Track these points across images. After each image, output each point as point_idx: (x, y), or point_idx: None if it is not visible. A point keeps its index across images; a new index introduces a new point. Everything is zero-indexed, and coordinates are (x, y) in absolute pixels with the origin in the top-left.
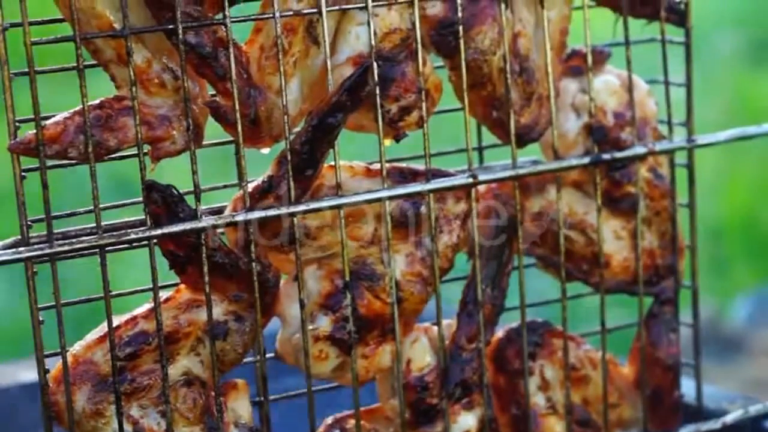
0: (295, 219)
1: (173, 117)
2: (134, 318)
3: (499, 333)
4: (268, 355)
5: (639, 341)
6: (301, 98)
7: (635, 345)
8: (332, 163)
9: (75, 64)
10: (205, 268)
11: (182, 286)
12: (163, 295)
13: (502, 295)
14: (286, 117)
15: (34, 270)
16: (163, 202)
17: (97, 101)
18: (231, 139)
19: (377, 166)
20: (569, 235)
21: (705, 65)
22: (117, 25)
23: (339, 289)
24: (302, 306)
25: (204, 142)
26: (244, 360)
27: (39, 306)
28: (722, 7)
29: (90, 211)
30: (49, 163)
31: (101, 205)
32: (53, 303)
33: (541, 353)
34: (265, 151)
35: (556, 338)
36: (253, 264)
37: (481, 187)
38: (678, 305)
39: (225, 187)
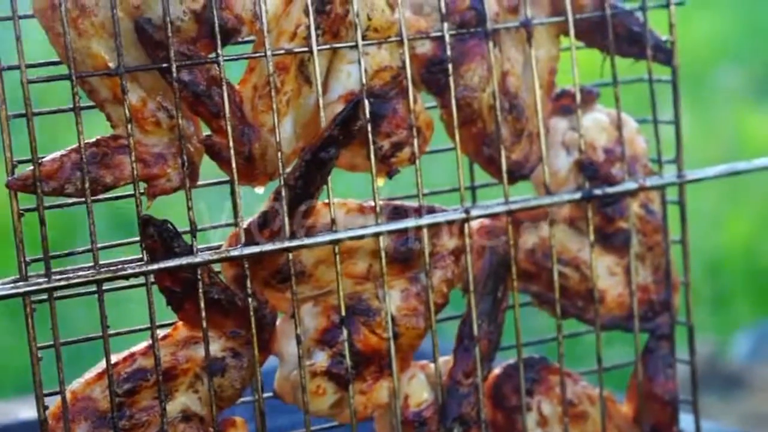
0: (290, 254)
1: (168, 155)
2: (132, 355)
3: (496, 370)
4: (266, 394)
5: (636, 378)
6: (294, 137)
7: (633, 381)
8: (326, 200)
9: (71, 105)
10: (202, 304)
11: (180, 323)
12: (161, 332)
13: (498, 331)
14: (279, 153)
15: (33, 308)
16: (159, 237)
17: (94, 139)
18: (227, 179)
19: (371, 203)
20: (563, 271)
21: (706, 101)
22: (112, 65)
23: (335, 325)
24: (299, 342)
25: (200, 182)
26: (243, 398)
27: (38, 345)
28: (723, 42)
29: (88, 250)
30: (47, 203)
31: (100, 244)
32: (52, 342)
33: (539, 389)
34: (260, 190)
35: (552, 374)
36: (250, 300)
37: (475, 225)
38: (674, 341)
39: (220, 226)
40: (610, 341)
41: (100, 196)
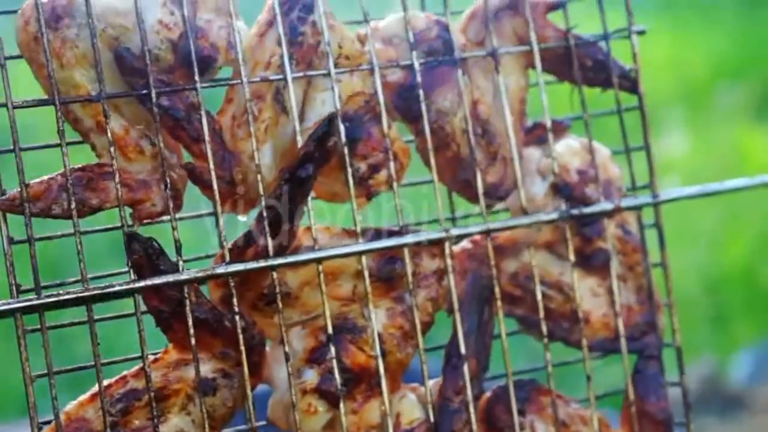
0: (275, 274)
1: (152, 181)
2: (124, 377)
3: (488, 393)
4: (260, 423)
5: (628, 401)
6: (274, 164)
7: (625, 404)
8: (308, 225)
9: (57, 142)
10: (190, 321)
11: (170, 346)
12: (153, 357)
13: (486, 351)
14: (259, 176)
15: (26, 328)
16: (144, 253)
17: (80, 165)
18: (210, 211)
19: (354, 228)
20: (547, 293)
21: (706, 119)
22: (94, 93)
23: (323, 343)
24: (287, 359)
25: (187, 213)
26: (237, 427)
27: (32, 374)
28: (723, 60)
29: (78, 281)
30: (39, 228)
31: (96, 269)
32: (45, 372)
33: (531, 409)
34: (243, 218)
35: (543, 396)
36: (237, 318)
37: (457, 249)
38: (662, 360)
39: (206, 257)
40: (601, 365)
41: (90, 229)
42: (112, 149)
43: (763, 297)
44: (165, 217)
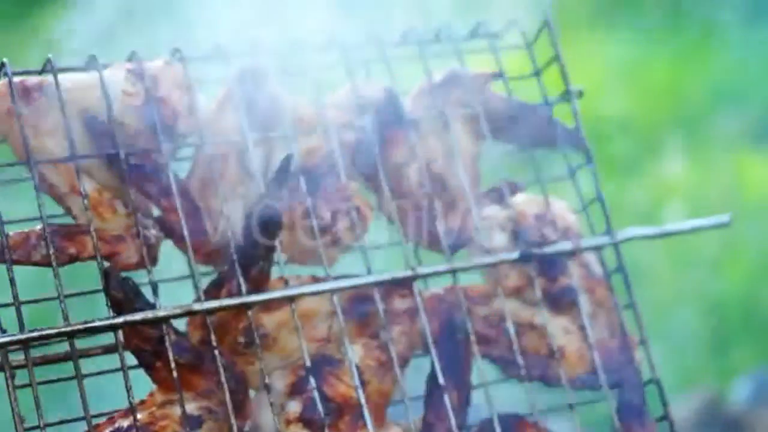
0: (250, 313)
1: (128, 237)
2: (112, 418)
3: (473, 429)
4: None
5: None
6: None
7: None
8: (280, 276)
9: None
10: (171, 355)
11: (155, 389)
12: (139, 400)
13: (466, 387)
14: (229, 231)
15: (13, 372)
16: (121, 290)
17: (57, 223)
18: (186, 274)
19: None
20: (520, 332)
21: (704, 145)
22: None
23: (303, 376)
24: (268, 390)
25: (168, 277)
26: None
27: (24, 427)
28: (722, 86)
29: (62, 334)
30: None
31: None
32: (37, 424)
33: None
34: None
35: (529, 429)
36: (217, 353)
37: (426, 294)
38: (643, 391)
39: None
40: (586, 400)
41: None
42: (85, 202)
43: (764, 322)
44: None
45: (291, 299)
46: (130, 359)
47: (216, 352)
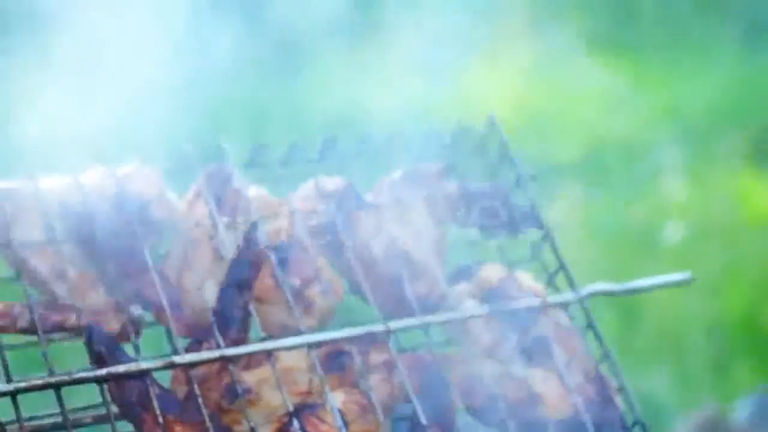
0: (232, 368)
1: (110, 311)
2: None
3: None
4: None
5: None
6: None
7: None
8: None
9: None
10: (157, 408)
11: None
12: None
13: (450, 428)
14: (203, 301)
15: (3, 428)
16: (104, 345)
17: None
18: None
19: None
20: (498, 382)
21: (705, 165)
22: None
23: (286, 422)
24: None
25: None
26: None
27: None
28: (723, 106)
29: (48, 385)
30: None
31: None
32: None
33: None
34: None
35: None
36: (201, 402)
37: (406, 361)
38: (627, 427)
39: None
40: None
41: None
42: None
43: (766, 341)
44: None
45: (269, 353)
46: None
47: (200, 401)
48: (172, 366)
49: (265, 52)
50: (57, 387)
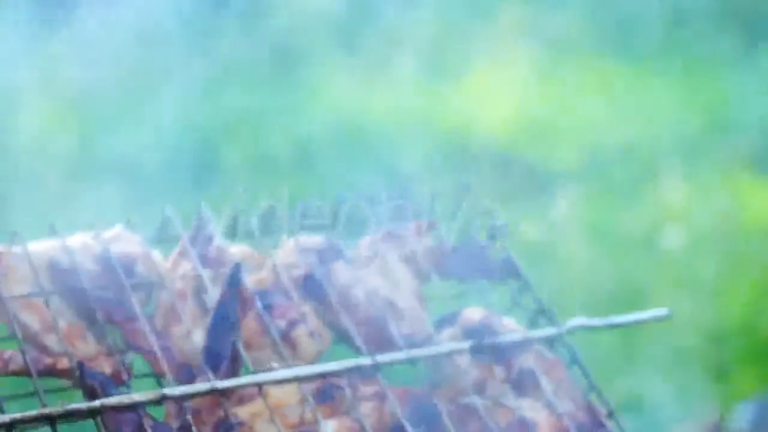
0: (224, 402)
1: (101, 357)
2: None
3: None
4: None
5: None
6: None
7: None
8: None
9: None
10: None
11: None
12: None
13: None
14: (191, 346)
15: None
16: (96, 378)
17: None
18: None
19: None
20: (489, 411)
21: (704, 169)
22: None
23: None
24: None
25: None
26: None
27: None
28: (721, 110)
29: (43, 417)
30: None
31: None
32: None
33: None
34: None
35: None
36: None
37: (396, 393)
38: None
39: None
40: None
41: None
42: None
43: (765, 347)
44: None
45: (259, 386)
46: None
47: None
48: (163, 398)
49: (263, 60)
50: (51, 419)
